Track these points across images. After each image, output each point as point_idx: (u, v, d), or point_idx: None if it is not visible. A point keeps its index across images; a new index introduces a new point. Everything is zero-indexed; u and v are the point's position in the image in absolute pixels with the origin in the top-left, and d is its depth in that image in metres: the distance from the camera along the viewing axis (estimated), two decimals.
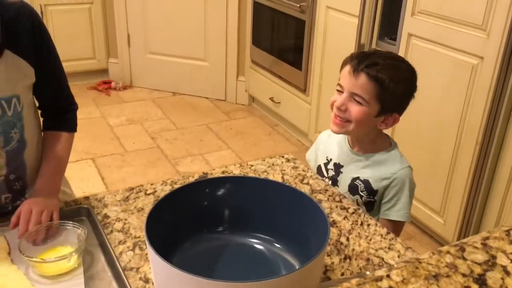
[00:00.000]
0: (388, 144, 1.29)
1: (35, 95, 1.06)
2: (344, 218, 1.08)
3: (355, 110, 1.18)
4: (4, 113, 0.96)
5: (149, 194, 1.11)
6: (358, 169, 1.28)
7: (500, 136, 1.90)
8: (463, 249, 0.60)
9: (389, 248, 0.98)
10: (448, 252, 0.60)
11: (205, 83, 3.76)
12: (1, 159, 0.99)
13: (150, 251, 0.72)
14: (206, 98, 3.80)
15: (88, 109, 3.46)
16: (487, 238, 0.63)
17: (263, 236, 0.89)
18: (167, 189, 1.13)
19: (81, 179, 2.70)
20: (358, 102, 1.17)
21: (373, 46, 2.37)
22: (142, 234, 0.97)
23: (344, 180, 1.29)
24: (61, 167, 1.10)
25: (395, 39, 2.27)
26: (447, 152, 2.08)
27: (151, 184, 1.14)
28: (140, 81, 3.91)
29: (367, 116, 1.18)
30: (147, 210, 1.05)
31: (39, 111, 1.12)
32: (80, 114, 1.21)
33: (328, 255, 0.95)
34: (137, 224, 1.01)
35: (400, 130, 2.30)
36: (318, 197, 1.16)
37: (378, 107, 1.18)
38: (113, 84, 3.84)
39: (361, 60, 1.18)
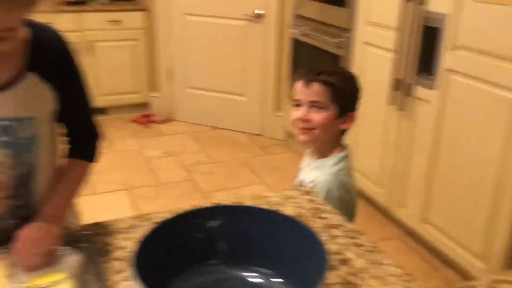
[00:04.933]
0: (338, 152, 1.39)
1: (60, 121, 1.06)
2: (358, 256, 1.00)
3: (317, 116, 1.32)
4: (16, 135, 0.96)
5: (155, 223, 1.08)
6: (306, 172, 1.41)
7: None
8: None
9: None
10: None
11: (242, 117, 3.78)
12: (9, 181, 0.99)
13: (137, 285, 0.68)
14: (244, 132, 3.81)
15: (127, 142, 3.53)
16: None
17: (260, 269, 0.83)
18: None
19: (115, 209, 2.72)
20: (319, 108, 1.32)
21: (410, 81, 2.30)
22: None
23: (297, 182, 1.43)
24: (71, 195, 1.08)
25: (433, 74, 2.19)
26: (489, 192, 1.95)
27: (158, 213, 1.12)
28: (181, 115, 3.97)
29: (329, 119, 1.33)
30: None
31: (66, 139, 1.11)
32: (119, 146, 1.22)
33: None
34: None
35: (440, 168, 2.19)
36: (333, 232, 1.09)
37: (336, 109, 1.33)
38: (153, 118, 3.92)
39: (310, 73, 1.35)
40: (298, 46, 3.31)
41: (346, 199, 1.33)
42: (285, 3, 3.37)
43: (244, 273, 0.84)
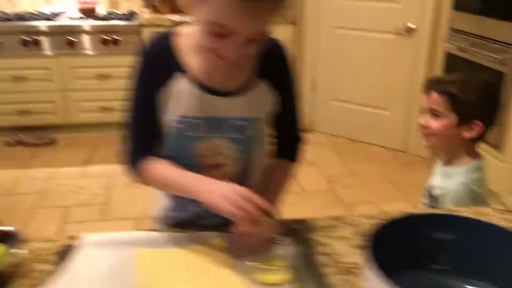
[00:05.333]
0: (469, 161, 1.40)
1: (274, 123, 1.15)
2: None
3: (435, 123, 1.41)
4: (244, 133, 1.07)
5: (351, 225, 1.13)
6: (434, 177, 1.46)
7: None
8: None
9: None
10: None
11: (385, 132, 3.73)
12: (235, 174, 1.10)
13: (373, 274, 0.72)
14: (385, 147, 3.75)
15: None
16: None
17: (484, 284, 0.83)
18: (368, 222, 1.13)
19: None
20: (436, 116, 1.40)
21: None
22: (346, 260, 0.98)
23: (427, 186, 1.49)
24: (282, 190, 1.19)
25: None
26: None
27: (353, 216, 1.16)
28: (322, 126, 4.02)
29: (446, 127, 1.39)
30: (351, 238, 1.06)
31: (274, 140, 1.20)
32: None
33: None
34: (341, 251, 1.02)
35: None
36: None
37: (455, 117, 1.38)
38: None
39: (431, 81, 1.46)
40: (453, 61, 3.19)
41: None
42: (441, 17, 3.27)
43: (466, 286, 0.84)
